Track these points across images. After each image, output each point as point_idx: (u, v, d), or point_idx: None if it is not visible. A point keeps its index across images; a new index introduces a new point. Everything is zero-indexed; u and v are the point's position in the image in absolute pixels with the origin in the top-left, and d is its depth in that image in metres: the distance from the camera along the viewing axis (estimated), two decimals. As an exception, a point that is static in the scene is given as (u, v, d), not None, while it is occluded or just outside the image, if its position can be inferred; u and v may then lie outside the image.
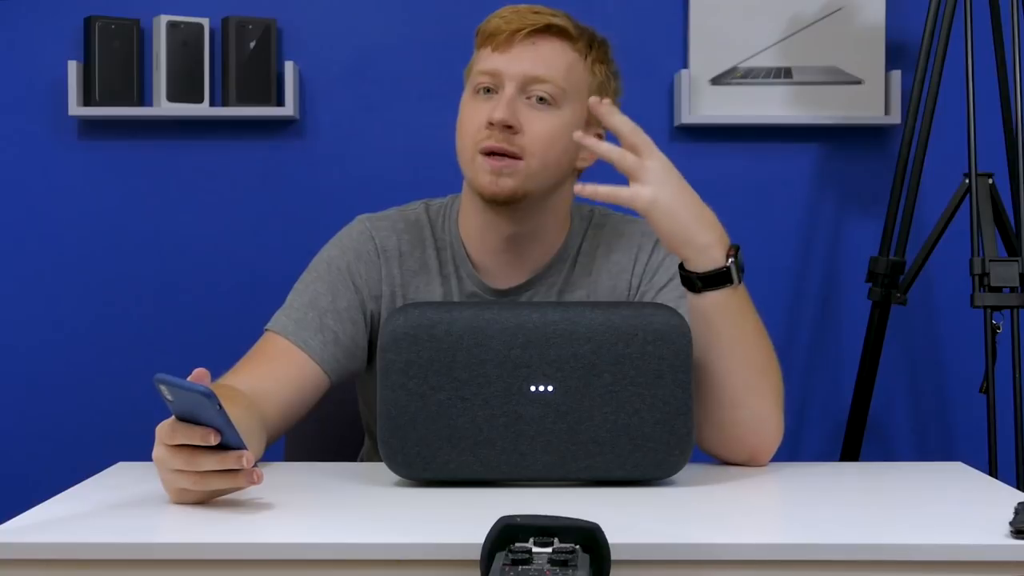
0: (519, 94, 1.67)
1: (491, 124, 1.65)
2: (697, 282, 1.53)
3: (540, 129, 1.67)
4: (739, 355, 1.55)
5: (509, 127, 1.65)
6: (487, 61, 1.69)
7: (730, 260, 1.53)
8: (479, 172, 1.68)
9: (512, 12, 1.70)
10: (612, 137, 1.57)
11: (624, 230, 1.79)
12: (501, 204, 1.69)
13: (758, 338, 1.57)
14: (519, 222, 1.72)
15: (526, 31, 1.67)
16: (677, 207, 1.52)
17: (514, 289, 1.76)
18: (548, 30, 1.68)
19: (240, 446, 1.29)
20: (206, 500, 1.33)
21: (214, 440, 1.28)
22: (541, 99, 1.67)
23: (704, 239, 1.52)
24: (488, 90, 1.68)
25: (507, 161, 1.66)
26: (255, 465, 1.31)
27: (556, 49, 1.69)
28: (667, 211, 1.52)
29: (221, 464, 1.29)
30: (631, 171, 1.51)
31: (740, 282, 1.54)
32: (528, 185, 1.68)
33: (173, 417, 1.31)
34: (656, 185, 1.51)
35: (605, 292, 1.76)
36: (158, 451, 1.32)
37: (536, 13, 1.69)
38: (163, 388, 1.27)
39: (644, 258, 1.76)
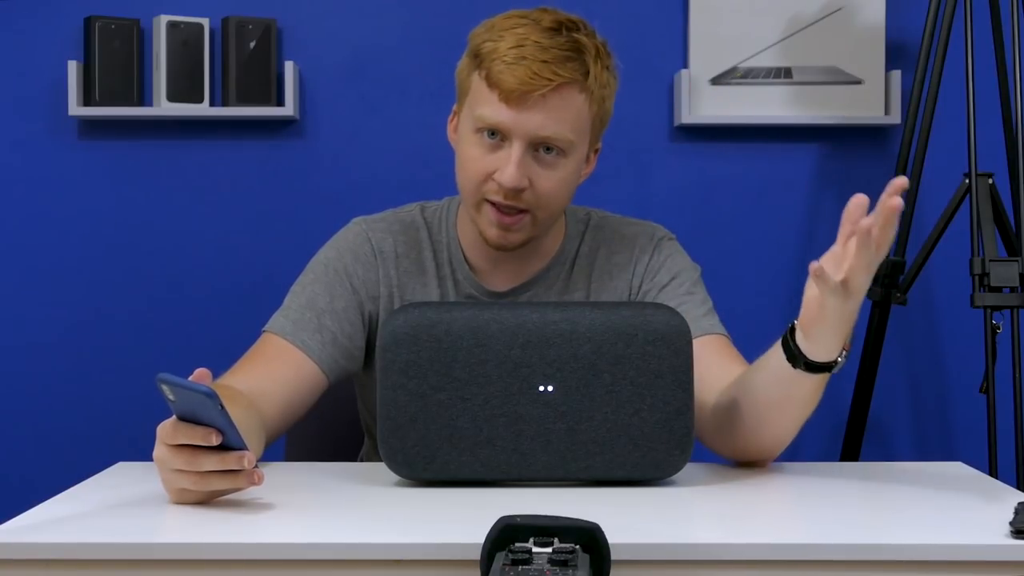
0: (528, 149, 1.63)
1: (505, 188, 1.63)
2: (802, 364, 1.46)
3: (549, 186, 1.65)
4: (796, 417, 1.53)
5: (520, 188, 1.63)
6: (494, 111, 1.62)
7: (843, 355, 1.46)
8: (484, 222, 1.67)
9: (517, 58, 1.59)
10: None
11: (625, 232, 1.79)
12: (508, 251, 1.70)
13: (815, 406, 1.53)
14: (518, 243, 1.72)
15: (538, 93, 1.60)
16: (850, 313, 1.43)
17: (511, 291, 1.76)
18: (560, 85, 1.61)
19: (241, 447, 1.29)
20: (206, 500, 1.33)
21: (216, 441, 1.27)
22: (550, 154, 1.64)
23: (837, 342, 1.45)
24: (493, 133, 1.64)
25: (516, 217, 1.65)
26: (256, 466, 1.31)
27: (565, 100, 1.62)
28: (844, 310, 1.42)
29: (222, 464, 1.29)
30: (863, 262, 1.40)
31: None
32: (534, 233, 1.69)
33: (174, 417, 1.31)
34: (858, 291, 1.41)
35: (606, 293, 1.76)
36: (159, 451, 1.32)
37: (545, 63, 1.60)
38: (165, 388, 1.27)
39: (645, 259, 1.77)
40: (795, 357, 1.46)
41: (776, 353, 1.49)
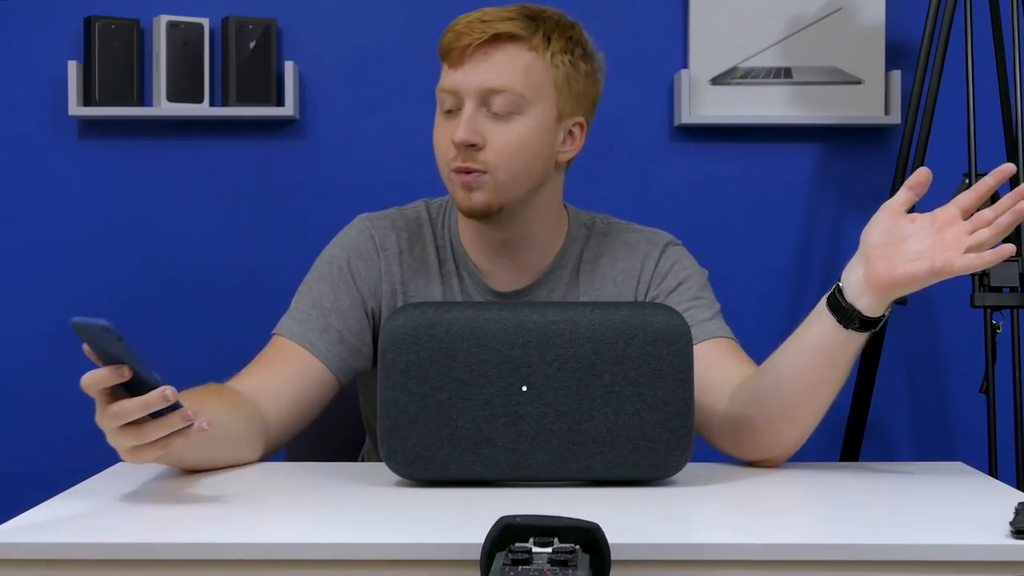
0: (480, 108, 1.66)
1: (456, 144, 1.66)
2: (856, 322, 1.49)
3: (503, 142, 1.66)
4: (829, 392, 1.56)
5: (471, 145, 1.65)
6: (446, 78, 1.69)
7: (888, 309, 1.51)
8: (455, 189, 1.69)
9: (463, 24, 1.67)
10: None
11: (629, 239, 1.79)
12: (479, 217, 1.69)
13: (847, 377, 1.57)
14: (506, 228, 1.72)
15: (475, 44, 1.65)
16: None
17: (514, 293, 1.76)
18: (498, 38, 1.65)
19: (155, 381, 1.29)
20: (162, 454, 1.33)
21: (126, 375, 1.30)
22: (501, 110, 1.66)
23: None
24: (451, 109, 1.68)
25: (474, 175, 1.66)
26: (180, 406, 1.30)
27: (509, 55, 1.66)
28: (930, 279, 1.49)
29: (144, 408, 1.29)
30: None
31: None
32: (500, 197, 1.68)
33: (100, 370, 1.33)
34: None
35: (610, 299, 1.75)
36: (96, 415, 1.34)
37: (484, 22, 1.66)
38: (81, 333, 1.28)
39: (651, 265, 1.76)
40: (850, 317, 1.49)
41: (819, 320, 1.51)
